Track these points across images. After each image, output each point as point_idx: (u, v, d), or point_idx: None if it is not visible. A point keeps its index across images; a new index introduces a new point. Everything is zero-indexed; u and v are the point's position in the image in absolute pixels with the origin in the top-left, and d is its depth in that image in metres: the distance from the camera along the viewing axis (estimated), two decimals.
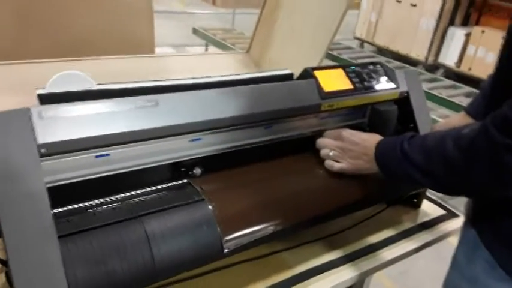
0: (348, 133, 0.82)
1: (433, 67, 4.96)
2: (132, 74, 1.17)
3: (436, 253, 1.08)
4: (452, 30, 4.77)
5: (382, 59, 4.70)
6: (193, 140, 0.72)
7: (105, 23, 1.44)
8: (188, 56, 1.68)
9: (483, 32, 4.49)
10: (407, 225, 0.94)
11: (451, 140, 0.64)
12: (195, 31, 4.40)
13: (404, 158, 0.70)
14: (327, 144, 0.83)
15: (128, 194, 0.68)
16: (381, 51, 5.64)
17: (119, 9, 1.46)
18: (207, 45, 4.32)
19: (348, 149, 0.80)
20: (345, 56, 4.60)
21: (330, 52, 4.69)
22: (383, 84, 0.92)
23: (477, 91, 0.97)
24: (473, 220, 0.75)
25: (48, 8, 1.26)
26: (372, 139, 0.79)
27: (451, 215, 1.00)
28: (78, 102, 0.60)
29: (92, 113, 0.60)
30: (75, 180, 0.62)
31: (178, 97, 0.68)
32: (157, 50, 1.65)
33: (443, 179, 0.66)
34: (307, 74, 0.85)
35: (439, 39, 4.85)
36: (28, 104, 0.58)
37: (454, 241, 0.80)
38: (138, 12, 1.54)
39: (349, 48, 5.20)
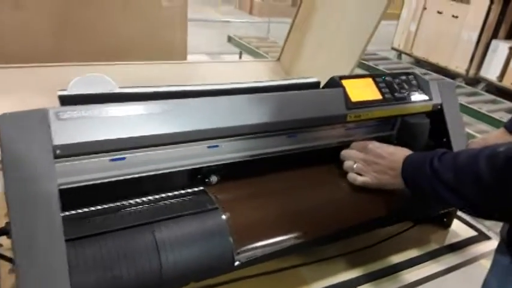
0: (374, 145, 0.78)
1: (474, 81, 4.77)
2: (161, 80, 1.18)
3: (464, 276, 1.01)
4: (495, 43, 4.58)
5: (421, 71, 4.56)
6: (210, 147, 0.70)
7: (140, 30, 1.47)
8: (218, 63, 1.69)
9: None
10: (434, 245, 0.88)
11: (484, 158, 0.60)
12: (229, 39, 4.44)
13: (433, 175, 0.66)
14: (351, 156, 0.80)
15: (141, 199, 0.66)
16: (419, 62, 5.49)
17: (154, 17, 1.49)
18: (241, 54, 4.34)
19: (372, 161, 0.76)
20: (381, 67, 4.50)
21: (365, 62, 4.61)
22: (415, 96, 0.87)
23: None
24: (508, 244, 0.69)
25: (85, 15, 1.30)
26: (399, 153, 0.74)
27: (483, 237, 0.94)
28: (97, 104, 0.60)
29: (110, 115, 0.60)
30: (88, 183, 0.62)
31: (198, 103, 0.66)
32: (192, 57, 1.66)
33: (474, 199, 0.62)
34: (334, 82, 0.81)
35: (481, 52, 4.66)
36: (54, 105, 0.58)
37: (486, 264, 0.74)
38: (172, 20, 1.56)
39: (386, 59, 5.09)
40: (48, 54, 1.22)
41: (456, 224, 0.95)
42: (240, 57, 4.33)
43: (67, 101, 0.61)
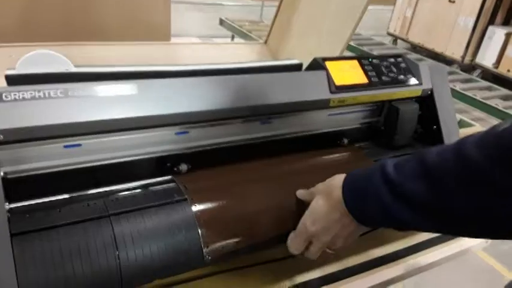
0: (309, 223, 0.60)
1: (470, 67, 4.72)
2: (140, 60, 1.11)
3: (459, 265, 0.97)
4: (491, 29, 4.51)
5: (416, 57, 4.49)
6: (179, 133, 0.65)
7: (120, 8, 1.39)
8: (202, 45, 1.62)
9: None
10: (427, 235, 0.83)
11: (470, 144, 0.44)
12: (221, 22, 4.34)
13: (390, 190, 0.48)
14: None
15: (100, 190, 0.60)
16: (415, 48, 5.42)
17: None
18: (233, 37, 4.25)
19: (322, 236, 0.59)
20: (375, 52, 4.43)
21: (360, 47, 4.53)
22: (404, 80, 0.82)
23: None
24: None
25: None
26: (336, 180, 0.58)
27: None
28: (48, 84, 0.54)
29: (63, 97, 0.54)
30: (39, 172, 0.56)
31: (163, 84, 0.60)
32: (183, 40, 1.59)
33: (464, 204, 0.44)
34: (317, 64, 0.75)
35: (477, 38, 4.60)
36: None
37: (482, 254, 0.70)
38: None
39: (381, 44, 5.02)
40: (16, 32, 1.14)
41: None
42: (232, 40, 4.24)
43: (14, 81, 0.55)
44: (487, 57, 4.52)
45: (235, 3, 6.18)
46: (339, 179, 0.57)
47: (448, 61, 4.78)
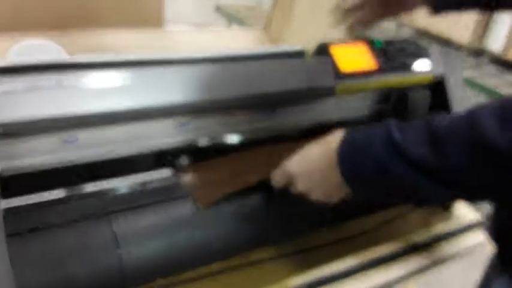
0: (292, 162, 0.58)
1: (477, 52, 4.63)
2: (132, 49, 1.07)
3: (467, 262, 0.95)
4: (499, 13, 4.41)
5: (421, 43, 4.41)
6: (179, 125, 0.62)
7: None
8: (198, 32, 1.58)
9: None
10: (434, 230, 0.81)
11: (486, 115, 0.42)
12: (217, 8, 4.26)
13: (396, 154, 0.46)
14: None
15: (98, 186, 0.58)
16: (420, 33, 5.33)
17: None
18: (229, 24, 4.18)
19: (301, 180, 0.56)
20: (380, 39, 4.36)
21: (363, 33, 4.45)
22: (414, 65, 0.78)
23: None
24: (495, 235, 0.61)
25: None
26: (333, 137, 0.55)
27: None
28: (41, 74, 0.51)
29: (59, 87, 0.51)
30: (34, 168, 0.53)
31: (161, 73, 0.57)
32: (178, 28, 1.54)
33: (475, 172, 0.43)
34: (322, 50, 0.72)
35: (484, 22, 4.50)
36: None
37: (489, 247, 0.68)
38: None
39: (385, 29, 4.93)
40: (9, 23, 1.11)
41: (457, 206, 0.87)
42: (229, 27, 4.17)
43: (5, 71, 0.52)
44: (494, 42, 4.44)
45: None
46: (339, 133, 0.54)
47: (454, 46, 4.70)
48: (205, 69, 0.60)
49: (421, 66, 0.79)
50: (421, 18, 5.22)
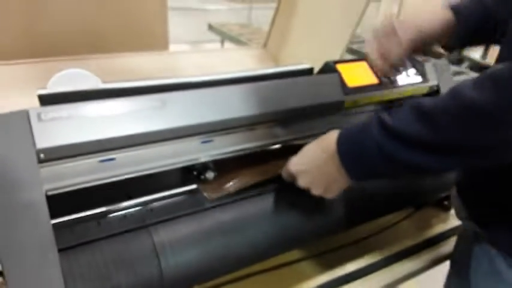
0: (294, 161, 0.63)
1: (458, 60, 4.79)
2: (143, 72, 1.12)
3: None
4: None
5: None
6: (204, 142, 0.67)
7: (116, 16, 1.39)
8: (202, 53, 1.64)
9: None
10: (436, 230, 0.87)
11: (466, 87, 0.48)
12: (210, 27, 4.34)
13: (386, 134, 0.51)
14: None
15: (134, 201, 0.62)
16: None
17: (132, 4, 1.42)
18: (223, 42, 4.26)
19: (303, 177, 0.61)
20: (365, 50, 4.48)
21: (349, 46, 4.56)
22: (411, 78, 0.85)
23: None
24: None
25: (57, 5, 1.22)
26: (330, 135, 0.59)
27: None
28: (81, 102, 0.56)
29: (96, 114, 0.56)
30: (77, 187, 0.58)
31: (187, 96, 0.62)
32: (172, 47, 1.60)
33: (465, 140, 0.48)
34: (329, 68, 0.78)
35: None
36: (30, 106, 0.54)
37: None
38: (151, 6, 1.48)
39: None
40: (20, 51, 1.15)
41: None
42: (223, 45, 4.25)
43: (48, 100, 0.56)
44: (474, 49, 4.59)
45: (221, 7, 6.19)
46: (334, 131, 0.59)
47: (436, 55, 4.84)
48: (227, 90, 0.65)
49: (418, 78, 0.86)
50: None
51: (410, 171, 0.54)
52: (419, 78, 0.86)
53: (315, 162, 0.60)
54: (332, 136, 0.58)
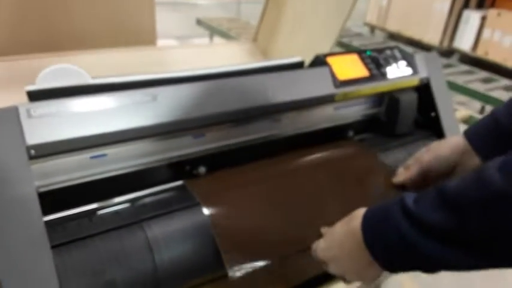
0: (321, 248, 0.59)
1: (448, 52, 4.82)
2: (131, 67, 1.12)
3: None
4: (467, 13, 4.61)
5: (394, 45, 4.55)
6: (196, 137, 0.67)
7: (104, 12, 1.37)
8: (191, 48, 1.63)
9: (499, 14, 4.32)
10: None
11: (492, 169, 0.42)
12: (198, 22, 4.31)
13: (409, 221, 0.46)
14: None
15: (126, 197, 0.62)
16: (393, 36, 5.50)
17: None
18: (211, 37, 4.23)
19: (333, 264, 0.57)
20: (355, 43, 4.48)
21: (339, 39, 4.57)
22: (401, 70, 0.85)
23: (494, 76, 0.82)
24: None
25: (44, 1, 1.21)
26: (357, 213, 0.55)
27: None
28: (70, 98, 0.55)
29: (85, 109, 0.55)
30: (69, 184, 0.57)
31: (178, 90, 0.62)
32: (160, 42, 1.59)
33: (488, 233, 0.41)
34: (320, 61, 0.78)
35: (453, 23, 4.70)
36: (18, 102, 0.53)
37: None
38: (138, 0, 1.46)
39: (359, 35, 5.07)
40: (6, 46, 1.14)
41: None
42: (211, 40, 4.23)
43: (36, 96, 0.56)
44: (464, 41, 4.63)
45: (210, 1, 6.15)
46: (359, 212, 0.55)
47: (426, 47, 4.88)
48: (217, 84, 0.65)
49: (408, 71, 0.86)
50: (393, 22, 5.40)
51: (437, 268, 0.48)
52: (409, 71, 0.86)
53: (344, 249, 0.55)
54: (357, 220, 0.53)
